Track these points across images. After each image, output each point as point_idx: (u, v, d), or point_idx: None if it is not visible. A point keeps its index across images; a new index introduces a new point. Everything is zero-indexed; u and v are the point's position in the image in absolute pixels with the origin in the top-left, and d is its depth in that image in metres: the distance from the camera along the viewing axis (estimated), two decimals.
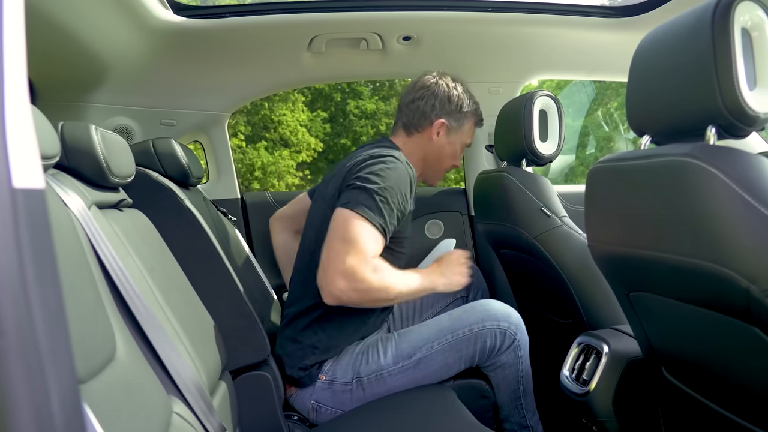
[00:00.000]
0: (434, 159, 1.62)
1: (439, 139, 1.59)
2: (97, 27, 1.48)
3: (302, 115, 11.14)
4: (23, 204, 0.36)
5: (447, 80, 1.60)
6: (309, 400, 1.42)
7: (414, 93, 1.59)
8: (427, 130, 1.58)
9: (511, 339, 1.41)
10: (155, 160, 1.54)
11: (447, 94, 1.58)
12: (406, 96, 1.61)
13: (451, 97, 1.59)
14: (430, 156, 1.61)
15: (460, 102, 1.59)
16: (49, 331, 0.37)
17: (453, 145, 1.62)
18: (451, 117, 1.59)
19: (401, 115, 1.61)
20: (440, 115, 1.58)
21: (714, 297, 0.81)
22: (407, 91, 1.62)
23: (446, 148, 1.61)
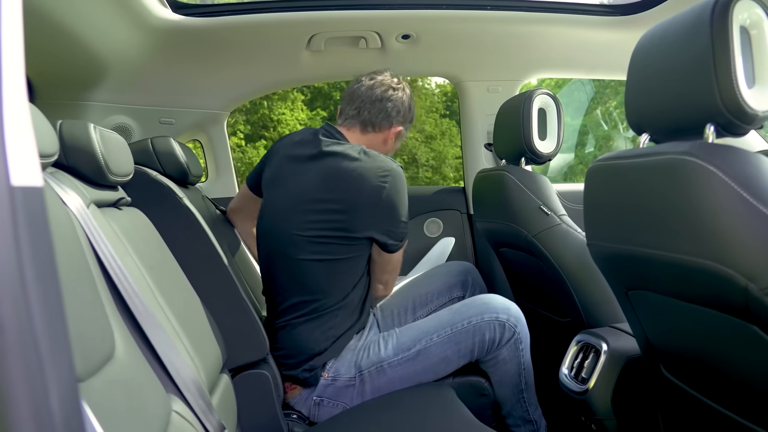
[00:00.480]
0: None
1: (388, 144, 1.59)
2: (95, 25, 1.48)
3: (301, 113, 11.13)
4: (22, 202, 0.36)
5: (405, 85, 1.60)
6: (311, 397, 1.43)
7: (382, 91, 1.54)
8: (384, 132, 1.56)
9: (511, 332, 1.41)
10: (154, 158, 1.54)
11: (410, 103, 1.60)
12: (371, 90, 1.54)
13: (411, 107, 1.61)
14: None
15: (410, 106, 1.61)
16: (48, 329, 0.37)
17: (394, 149, 1.63)
18: (405, 125, 1.61)
19: (363, 110, 1.53)
20: (400, 123, 1.58)
21: (713, 295, 0.81)
22: (370, 84, 1.55)
23: (390, 152, 1.62)
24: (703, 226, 0.76)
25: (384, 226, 1.42)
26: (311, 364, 1.42)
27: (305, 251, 1.41)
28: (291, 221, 1.42)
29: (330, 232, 1.39)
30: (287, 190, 1.46)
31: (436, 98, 11.62)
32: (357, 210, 1.39)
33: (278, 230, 1.46)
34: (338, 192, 1.39)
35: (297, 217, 1.42)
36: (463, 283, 1.80)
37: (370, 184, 1.38)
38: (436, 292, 1.75)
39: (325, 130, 1.52)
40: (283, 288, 1.47)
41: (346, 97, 1.58)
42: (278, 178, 1.51)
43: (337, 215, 1.39)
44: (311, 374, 1.42)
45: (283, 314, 1.47)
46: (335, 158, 1.41)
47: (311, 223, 1.40)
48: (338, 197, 1.39)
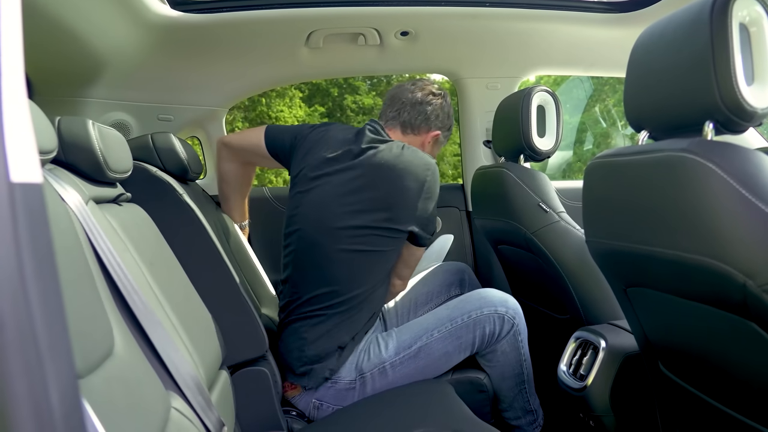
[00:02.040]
0: None
1: (426, 148, 1.61)
2: (93, 22, 1.47)
3: (299, 110, 11.11)
4: (21, 198, 0.36)
5: (448, 96, 1.64)
6: (311, 400, 1.43)
7: (423, 95, 1.58)
8: (422, 135, 1.59)
9: (510, 324, 1.43)
10: (154, 154, 1.54)
11: (449, 110, 1.63)
12: (412, 94, 1.58)
13: (450, 115, 1.65)
14: None
15: (449, 113, 1.65)
16: (47, 325, 0.37)
17: (432, 156, 1.62)
18: (444, 132, 1.64)
19: (403, 112, 1.58)
20: (438, 128, 1.61)
21: (711, 292, 0.81)
22: (412, 89, 1.59)
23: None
24: (702, 223, 0.76)
25: (423, 220, 1.45)
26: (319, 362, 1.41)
27: (345, 242, 1.40)
28: (332, 213, 1.42)
29: (375, 222, 1.40)
30: (329, 186, 1.45)
31: None
32: (402, 202, 1.41)
33: (316, 223, 1.44)
34: (383, 184, 1.41)
35: (339, 209, 1.42)
36: (461, 281, 1.81)
37: (414, 176, 1.42)
38: (435, 291, 1.78)
39: (370, 126, 1.55)
40: (307, 280, 1.45)
41: (388, 99, 1.63)
42: (318, 177, 1.48)
43: (382, 206, 1.40)
44: (315, 373, 1.41)
45: (300, 307, 1.45)
46: (379, 152, 1.44)
47: (355, 213, 1.40)
48: (383, 189, 1.41)
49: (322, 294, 1.42)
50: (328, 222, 1.41)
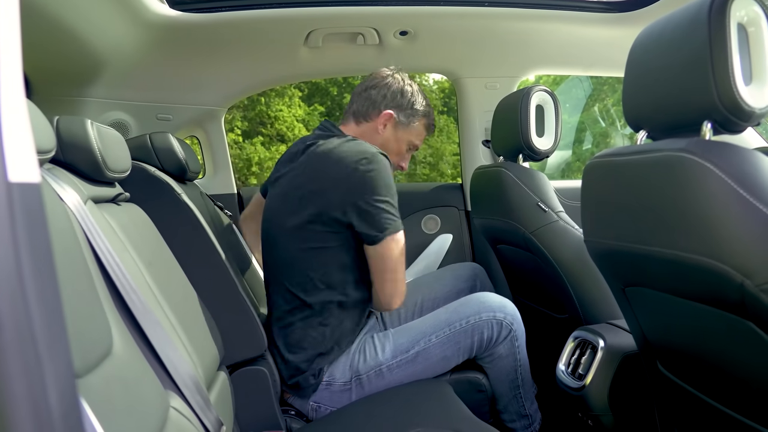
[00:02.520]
0: None
1: (385, 132, 1.53)
2: (92, 21, 1.47)
3: (299, 110, 11.10)
4: (19, 198, 0.36)
5: (403, 75, 1.57)
6: (308, 402, 1.43)
7: (368, 82, 1.56)
8: (375, 120, 1.53)
9: (508, 329, 1.42)
10: (152, 154, 1.54)
11: (401, 87, 1.54)
12: (360, 86, 1.57)
13: (404, 92, 1.54)
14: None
15: (413, 99, 1.54)
16: (46, 325, 0.37)
17: (399, 142, 1.55)
18: (400, 111, 1.53)
19: (352, 104, 1.57)
20: (389, 107, 1.53)
21: (708, 291, 0.81)
22: (362, 81, 1.59)
23: (391, 143, 1.55)
24: (700, 222, 0.76)
25: (361, 212, 1.35)
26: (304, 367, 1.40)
27: (293, 241, 1.40)
28: (283, 212, 1.43)
29: (313, 216, 1.37)
30: (280, 188, 1.47)
31: (434, 95, 11.60)
32: (331, 188, 1.36)
33: (273, 227, 1.47)
34: (317, 176, 1.39)
35: (287, 208, 1.42)
36: (471, 288, 1.78)
37: (345, 164, 1.35)
38: (444, 297, 1.72)
39: (321, 126, 1.54)
40: (278, 283, 1.46)
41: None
42: (275, 180, 1.52)
43: (314, 197, 1.37)
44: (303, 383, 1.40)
45: (277, 312, 1.46)
46: (318, 146, 1.42)
47: (299, 210, 1.39)
48: (317, 180, 1.38)
49: (288, 297, 1.43)
50: (281, 221, 1.43)
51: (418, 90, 1.58)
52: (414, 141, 1.59)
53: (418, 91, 1.57)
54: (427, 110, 1.58)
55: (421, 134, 1.60)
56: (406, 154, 1.62)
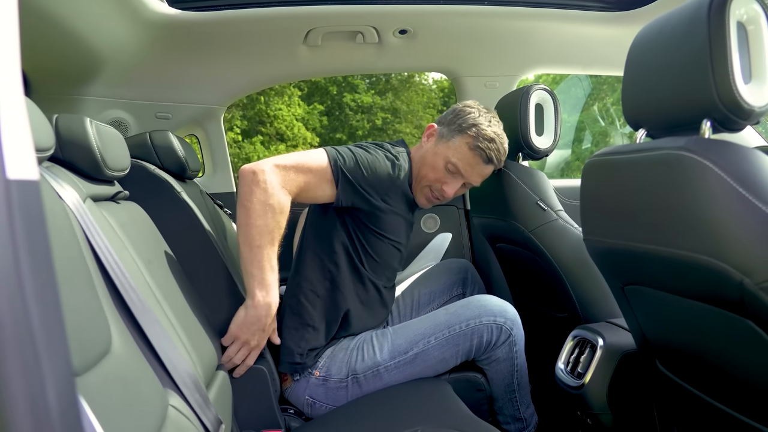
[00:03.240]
0: (418, 167, 1.50)
1: (427, 144, 1.52)
2: (91, 19, 1.47)
3: (298, 109, 11.11)
4: (18, 196, 0.36)
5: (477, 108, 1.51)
6: (303, 396, 1.43)
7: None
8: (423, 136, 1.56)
9: (507, 334, 1.41)
10: (152, 152, 1.54)
11: (455, 109, 1.52)
12: None
13: (458, 112, 1.50)
14: (417, 163, 1.51)
15: (462, 117, 1.48)
16: (44, 323, 0.37)
17: (436, 155, 1.48)
18: (445, 126, 1.51)
19: None
20: (438, 123, 1.54)
21: (708, 290, 0.81)
22: None
23: (429, 156, 1.49)
24: (699, 221, 0.76)
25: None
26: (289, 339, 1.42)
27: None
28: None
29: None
30: None
31: (434, 94, 11.61)
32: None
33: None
34: None
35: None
36: (463, 280, 1.81)
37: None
38: (438, 291, 1.76)
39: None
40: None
41: None
42: None
43: None
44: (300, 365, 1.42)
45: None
46: None
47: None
48: None
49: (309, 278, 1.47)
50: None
51: (480, 115, 1.48)
52: (451, 158, 1.46)
53: (477, 116, 1.48)
54: (476, 130, 1.45)
55: (460, 152, 1.46)
56: (446, 177, 1.48)
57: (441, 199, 1.52)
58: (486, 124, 1.47)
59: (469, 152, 1.46)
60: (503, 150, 1.49)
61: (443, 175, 1.48)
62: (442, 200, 1.53)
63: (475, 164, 1.47)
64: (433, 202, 1.54)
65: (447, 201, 1.54)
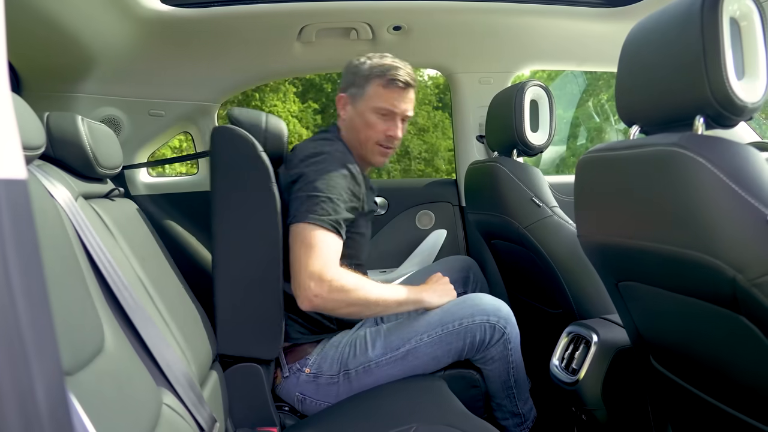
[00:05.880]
0: (355, 136, 1.53)
1: (347, 115, 1.54)
2: (83, 16, 1.46)
3: (293, 105, 11.08)
4: (5, 194, 0.35)
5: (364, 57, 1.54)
6: (294, 392, 1.43)
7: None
8: (339, 110, 1.57)
9: (501, 333, 1.41)
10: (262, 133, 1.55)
11: (349, 68, 1.55)
12: None
13: (350, 68, 1.54)
14: (351, 134, 1.54)
15: (358, 68, 1.51)
16: (33, 322, 0.36)
17: (362, 114, 1.50)
18: (350, 87, 1.53)
19: None
20: (342, 91, 1.56)
21: (701, 286, 0.81)
22: None
23: (356, 120, 1.52)
24: (692, 217, 0.76)
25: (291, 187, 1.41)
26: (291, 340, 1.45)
27: None
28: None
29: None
30: None
31: (429, 90, 11.60)
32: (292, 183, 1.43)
33: None
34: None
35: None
36: (464, 279, 1.80)
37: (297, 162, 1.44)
38: None
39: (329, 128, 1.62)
40: None
41: None
42: None
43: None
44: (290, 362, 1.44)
45: None
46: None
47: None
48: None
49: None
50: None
51: (369, 57, 1.52)
52: (378, 105, 1.49)
53: (366, 59, 1.52)
54: (377, 70, 1.48)
55: (381, 95, 1.49)
56: (384, 124, 1.51)
57: (393, 146, 1.55)
58: (380, 60, 1.51)
59: (385, 90, 1.49)
60: (410, 68, 1.52)
61: (381, 123, 1.51)
62: (394, 145, 1.56)
63: (398, 95, 1.50)
64: (388, 154, 1.57)
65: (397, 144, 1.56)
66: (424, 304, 1.43)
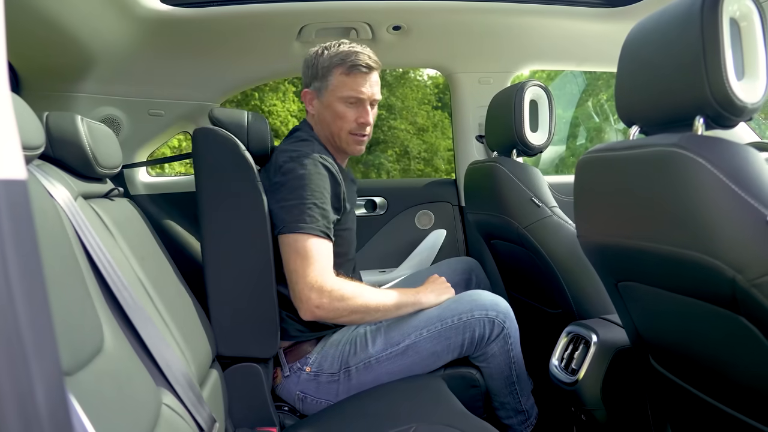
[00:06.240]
0: (327, 129, 1.52)
1: (315, 109, 1.53)
2: (82, 15, 1.46)
3: (293, 105, 11.06)
4: (4, 194, 0.35)
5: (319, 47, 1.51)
6: (294, 391, 1.43)
7: None
8: (307, 106, 1.55)
9: (500, 328, 1.42)
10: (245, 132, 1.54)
11: (308, 62, 1.52)
12: None
13: (309, 61, 1.51)
14: (322, 127, 1.53)
15: (316, 61, 1.49)
16: (32, 322, 0.36)
17: (330, 106, 1.48)
18: (313, 81, 1.51)
19: None
20: (305, 86, 1.54)
21: (701, 286, 0.81)
22: None
23: (325, 113, 1.50)
24: (692, 217, 0.76)
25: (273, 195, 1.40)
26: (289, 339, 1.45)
27: None
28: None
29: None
30: None
31: (428, 90, 11.58)
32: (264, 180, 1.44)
33: None
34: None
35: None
36: (466, 281, 1.80)
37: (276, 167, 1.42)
38: None
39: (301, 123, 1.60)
40: None
41: None
42: None
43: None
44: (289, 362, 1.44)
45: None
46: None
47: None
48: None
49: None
50: None
51: (324, 47, 1.49)
52: (344, 94, 1.47)
53: (323, 49, 1.49)
54: (337, 58, 1.46)
55: (345, 83, 1.46)
56: (354, 112, 1.49)
57: (367, 133, 1.53)
58: (337, 48, 1.48)
59: (348, 77, 1.46)
60: (368, 51, 1.50)
61: (350, 112, 1.49)
62: (368, 132, 1.54)
63: (362, 80, 1.47)
64: (363, 141, 1.55)
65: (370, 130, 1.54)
66: (422, 305, 1.44)
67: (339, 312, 1.32)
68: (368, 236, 2.27)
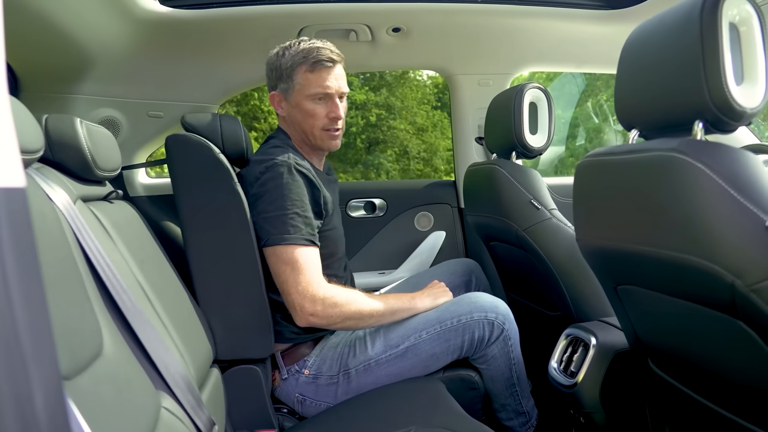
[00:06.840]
0: (299, 128, 1.51)
1: (285, 111, 1.52)
2: (81, 17, 1.46)
3: None
4: (3, 199, 0.35)
5: (279, 49, 1.50)
6: (293, 393, 1.43)
7: None
8: (276, 109, 1.54)
9: (500, 329, 1.42)
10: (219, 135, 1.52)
11: (270, 64, 1.51)
12: None
13: (271, 64, 1.50)
14: (295, 128, 1.52)
15: (281, 63, 1.47)
16: (31, 326, 0.36)
17: (299, 106, 1.47)
18: (279, 83, 1.49)
19: None
20: (272, 89, 1.53)
21: (699, 291, 0.81)
22: None
23: (295, 113, 1.49)
24: (691, 222, 0.76)
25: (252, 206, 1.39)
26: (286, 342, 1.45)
27: None
28: None
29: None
30: None
31: (428, 90, 11.58)
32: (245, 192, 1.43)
33: None
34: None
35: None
36: (466, 283, 1.80)
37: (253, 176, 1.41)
38: None
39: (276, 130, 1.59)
40: None
41: None
42: None
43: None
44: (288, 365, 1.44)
45: None
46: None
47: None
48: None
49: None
50: None
51: (284, 47, 1.48)
52: (311, 92, 1.45)
53: (284, 49, 1.48)
54: (299, 57, 1.45)
55: (310, 80, 1.45)
56: (324, 108, 1.47)
57: (339, 126, 1.51)
58: (298, 46, 1.46)
59: (313, 74, 1.45)
60: (329, 44, 1.48)
61: (320, 108, 1.47)
62: (340, 126, 1.52)
63: (327, 75, 1.46)
64: (338, 136, 1.53)
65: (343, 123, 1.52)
66: (417, 310, 1.44)
67: (333, 319, 1.33)
68: (367, 238, 2.27)
